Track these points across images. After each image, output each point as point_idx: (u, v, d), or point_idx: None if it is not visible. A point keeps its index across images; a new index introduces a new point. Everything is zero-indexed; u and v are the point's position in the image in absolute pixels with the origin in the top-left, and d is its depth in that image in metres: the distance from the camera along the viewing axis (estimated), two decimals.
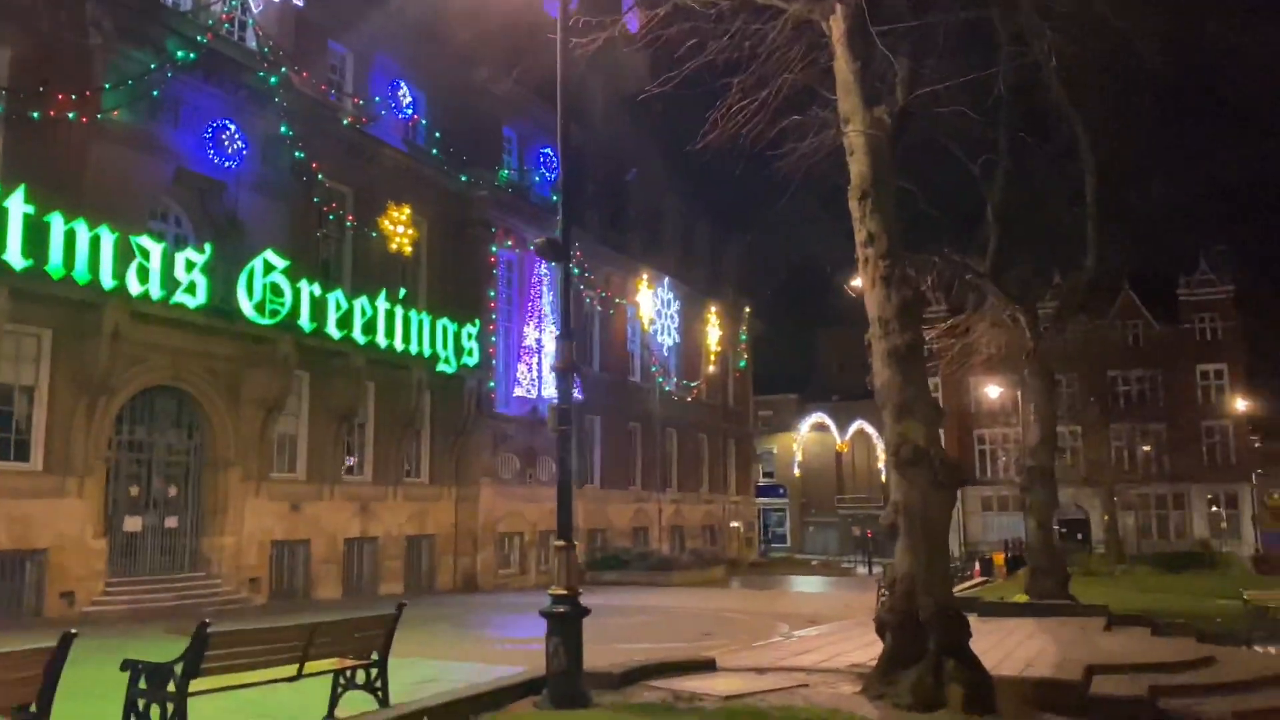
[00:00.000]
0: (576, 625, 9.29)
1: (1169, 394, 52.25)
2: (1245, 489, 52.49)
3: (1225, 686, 12.35)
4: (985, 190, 21.10)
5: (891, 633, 10.22)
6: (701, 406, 41.39)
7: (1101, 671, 11.91)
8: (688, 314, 39.94)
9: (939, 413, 11.13)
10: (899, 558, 10.54)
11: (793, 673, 11.35)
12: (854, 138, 10.93)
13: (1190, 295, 53.13)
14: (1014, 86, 17.11)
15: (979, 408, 53.18)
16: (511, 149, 31.82)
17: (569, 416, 9.99)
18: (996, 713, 9.44)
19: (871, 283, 11.00)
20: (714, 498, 43.02)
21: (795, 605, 23.41)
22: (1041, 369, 21.92)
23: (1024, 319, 21.86)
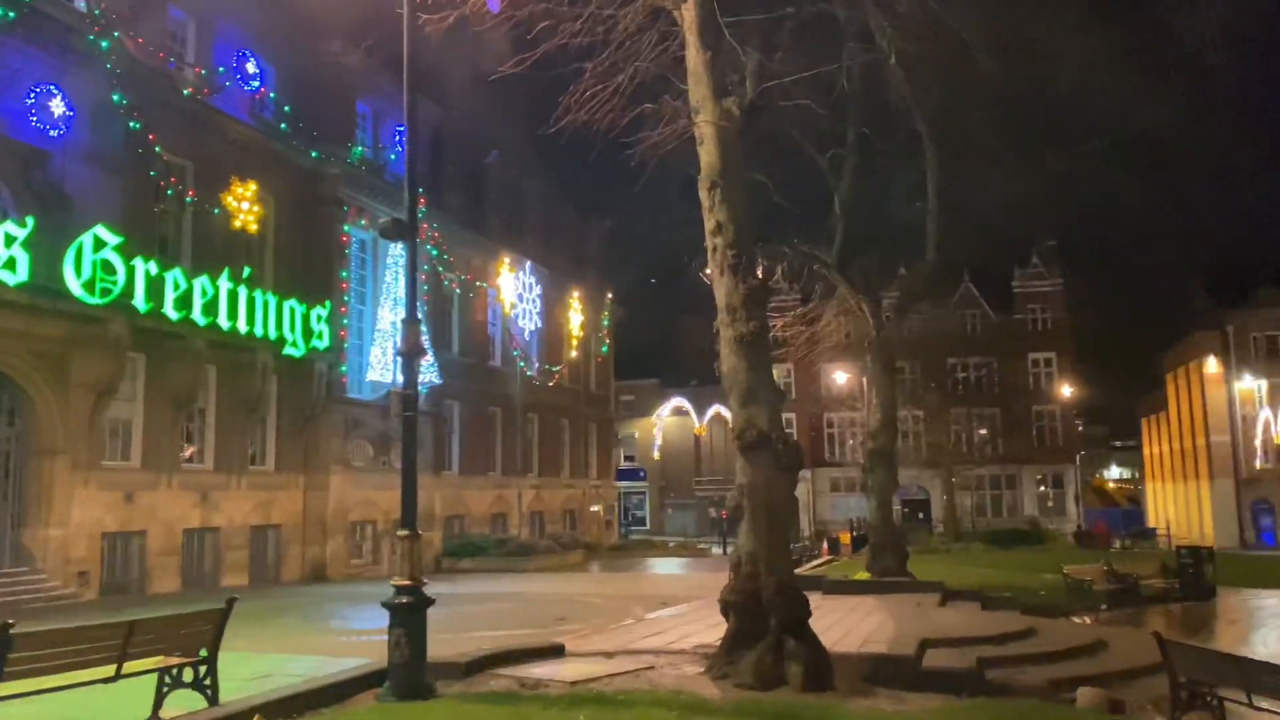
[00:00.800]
0: (420, 615, 9.14)
1: (1003, 380, 55.38)
2: (1070, 470, 56.28)
3: (1044, 656, 13.20)
4: (833, 183, 21.78)
5: (735, 613, 10.48)
6: (563, 391, 41.37)
7: (935, 645, 12.52)
8: (550, 298, 39.80)
9: (782, 398, 11.46)
10: (743, 539, 10.82)
11: (640, 655, 11.49)
12: (704, 128, 11.08)
13: (1023, 287, 56.39)
14: (859, 83, 17.70)
15: (828, 393, 55.05)
16: (366, 125, 30.87)
17: (414, 402, 9.80)
18: (834, 689, 9.80)
19: (720, 271, 11.20)
20: (575, 482, 43.11)
21: (650, 587, 23.71)
22: (884, 356, 22.83)
23: (868, 308, 22.69)
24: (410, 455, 9.78)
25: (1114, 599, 22.00)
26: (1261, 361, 53.74)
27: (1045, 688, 11.18)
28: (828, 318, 27.15)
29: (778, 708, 8.56)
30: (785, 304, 29.48)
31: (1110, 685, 11.56)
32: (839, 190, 21.81)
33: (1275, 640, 17.32)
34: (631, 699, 8.90)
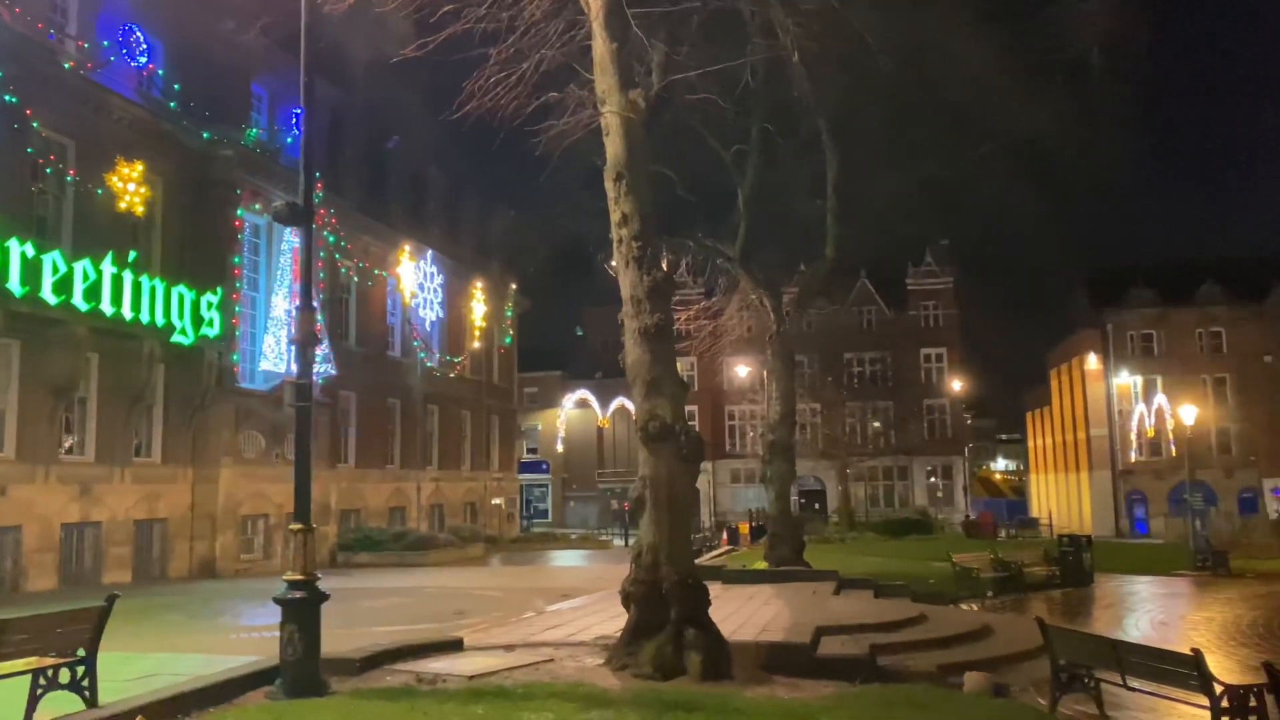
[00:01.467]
0: (314, 611, 8.91)
1: (896, 375, 57.02)
2: (959, 461, 58.27)
3: (934, 642, 13.65)
4: (737, 179, 22.01)
5: (636, 604, 10.52)
6: (465, 383, 40.85)
7: (830, 633, 12.82)
8: (452, 288, 39.21)
9: (686, 390, 11.53)
10: (645, 530, 10.86)
11: (540, 648, 11.45)
12: (610, 118, 11.06)
13: (917, 285, 58.10)
14: (763, 79, 17.92)
15: (730, 386, 55.80)
16: (262, 107, 29.83)
17: (309, 392, 9.53)
18: (732, 678, 9.93)
19: (625, 263, 11.20)
20: (476, 475, 42.64)
21: (552, 580, 23.65)
22: (784, 350, 23.22)
23: (770, 303, 23.04)
24: (304, 447, 9.51)
25: (1000, 586, 22.87)
26: (1137, 358, 56.56)
27: (934, 672, 11.56)
28: (730, 312, 27.50)
29: (676, 697, 8.61)
30: (689, 298, 29.68)
31: (996, 669, 12.03)
32: (742, 186, 22.06)
33: (1147, 623, 18.29)
34: (531, 692, 8.85)
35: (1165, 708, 9.63)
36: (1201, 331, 56.13)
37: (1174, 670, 9.07)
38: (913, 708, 8.58)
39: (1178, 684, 8.97)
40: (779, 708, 8.54)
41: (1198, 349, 56.04)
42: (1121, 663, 9.79)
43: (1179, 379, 53.43)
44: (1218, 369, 55.58)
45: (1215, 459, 53.85)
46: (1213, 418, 53.09)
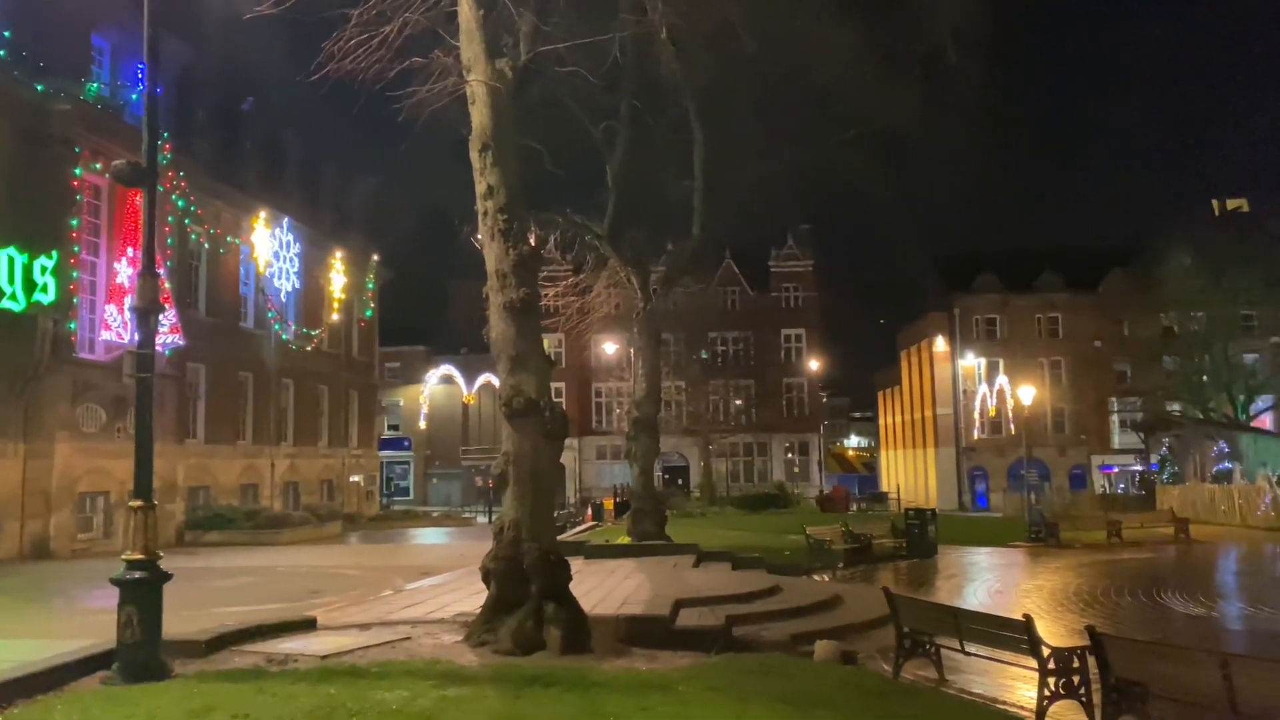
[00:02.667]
0: (155, 591, 8.49)
1: (758, 354, 58.46)
2: (815, 438, 60.28)
3: (787, 612, 14.08)
4: (606, 155, 21.98)
5: (496, 580, 10.46)
6: (323, 356, 39.58)
7: (688, 605, 13.06)
8: (310, 258, 37.84)
9: (551, 366, 11.48)
10: (507, 506, 10.80)
11: (397, 626, 11.25)
12: (476, 87, 10.85)
13: (779, 267, 59.57)
14: (632, 56, 17.93)
15: (598, 363, 56.01)
16: (103, 61, 27.97)
17: (151, 362, 9.04)
18: (592, 651, 10.00)
19: (490, 236, 11.04)
20: (334, 451, 41.47)
21: (411, 558, 23.27)
22: (650, 328, 23.42)
23: (637, 281, 23.17)
24: (145, 420, 9.02)
25: (850, 558, 23.78)
26: (982, 342, 59.61)
27: (787, 642, 11.93)
28: (598, 289, 27.49)
29: (535, 672, 8.62)
30: (557, 274, 29.55)
31: (845, 637, 12.51)
32: (611, 163, 22.05)
33: (985, 592, 19.35)
34: (387, 670, 8.68)
35: (999, 670, 10.21)
36: (1040, 317, 59.54)
37: (1007, 635, 9.64)
38: (765, 676, 8.83)
39: (1010, 648, 9.53)
40: (636, 679, 8.66)
41: (1037, 334, 59.44)
42: (960, 629, 10.34)
43: (1019, 362, 56.57)
44: (1054, 353, 59.13)
45: (1050, 437, 57.38)
46: (1048, 399, 56.52)
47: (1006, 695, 9.85)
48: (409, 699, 7.54)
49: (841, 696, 8.13)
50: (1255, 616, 16.12)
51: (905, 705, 8.10)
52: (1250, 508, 34.68)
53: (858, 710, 7.59)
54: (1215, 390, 51.02)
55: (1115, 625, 14.13)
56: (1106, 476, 57.55)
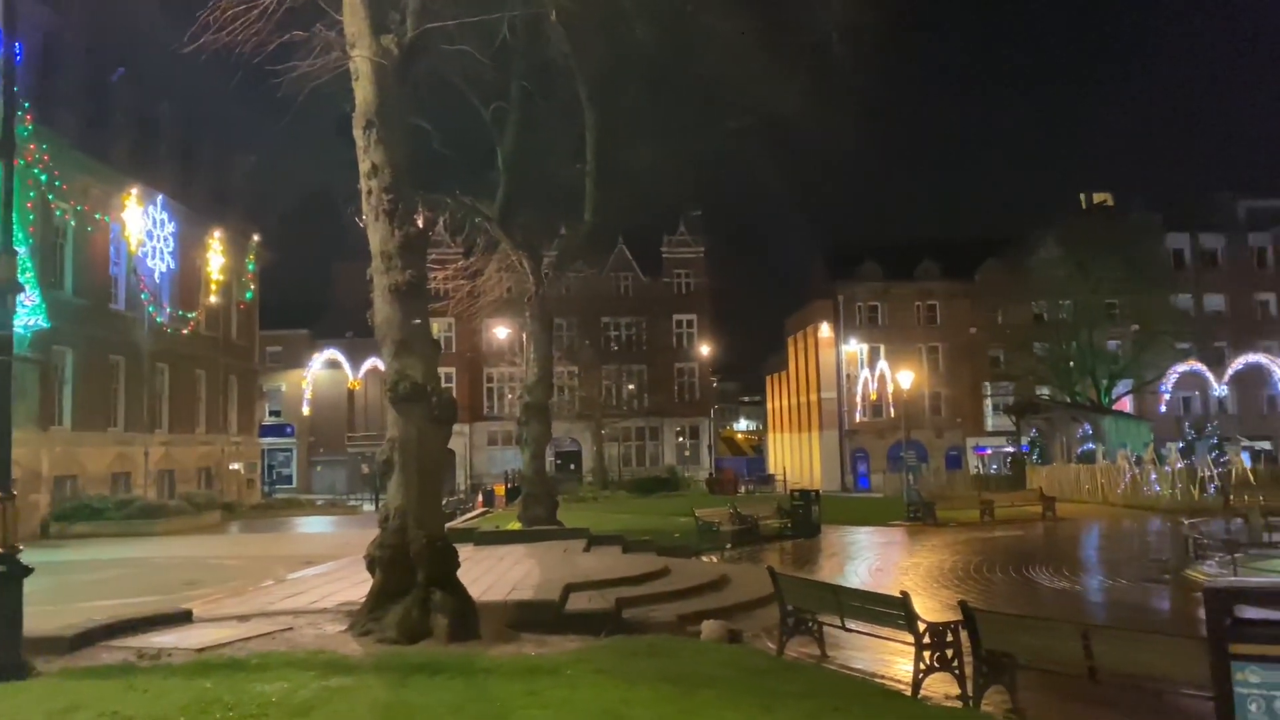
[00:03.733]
0: (14, 586, 8.04)
1: (650, 339, 58.84)
2: (705, 422, 61.12)
3: (676, 594, 14.27)
4: (497, 137, 21.72)
5: (381, 568, 10.27)
6: (200, 340, 38.07)
7: (578, 589, 13.10)
8: (186, 238, 36.27)
9: (438, 350, 11.31)
10: (393, 493, 10.61)
11: (278, 617, 10.95)
12: (360, 63, 10.56)
13: (671, 253, 60.03)
14: (523, 36, 17.74)
15: (489, 347, 55.40)
16: None
17: (9, 345, 8.53)
18: (480, 638, 9.93)
19: (375, 216, 10.79)
20: (212, 438, 39.99)
21: (294, 547, 22.66)
22: (542, 313, 23.30)
23: (529, 264, 23.00)
24: (3, 406, 8.51)
25: (738, 538, 24.24)
26: (864, 328, 61.35)
27: (675, 623, 12.10)
28: (489, 272, 27.18)
29: (421, 660, 8.51)
30: (447, 256, 29.07)
31: (731, 617, 12.75)
32: (502, 144, 21.79)
33: (865, 570, 19.99)
34: (266, 662, 8.45)
35: (878, 645, 10.56)
36: (919, 305, 61.62)
37: (885, 611, 9.97)
38: (653, 657, 8.93)
39: (889, 624, 9.87)
40: (524, 664, 8.64)
41: (916, 321, 61.49)
42: (841, 607, 10.66)
43: (899, 347, 58.42)
44: (932, 339, 61.29)
45: (928, 420, 59.50)
46: (926, 383, 58.63)
47: (885, 669, 10.20)
48: (289, 691, 7.36)
49: (726, 675, 8.28)
50: (1114, 588, 17.10)
51: (788, 682, 8.30)
52: (1111, 486, 36.71)
53: (742, 688, 7.74)
54: (1080, 375, 53.87)
55: (987, 600, 14.80)
56: (980, 458, 60.04)
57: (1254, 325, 59.82)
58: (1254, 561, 16.68)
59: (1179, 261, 60.08)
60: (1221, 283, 61.06)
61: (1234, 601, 6.21)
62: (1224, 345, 57.66)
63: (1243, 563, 16.37)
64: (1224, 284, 61.09)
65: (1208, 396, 58.00)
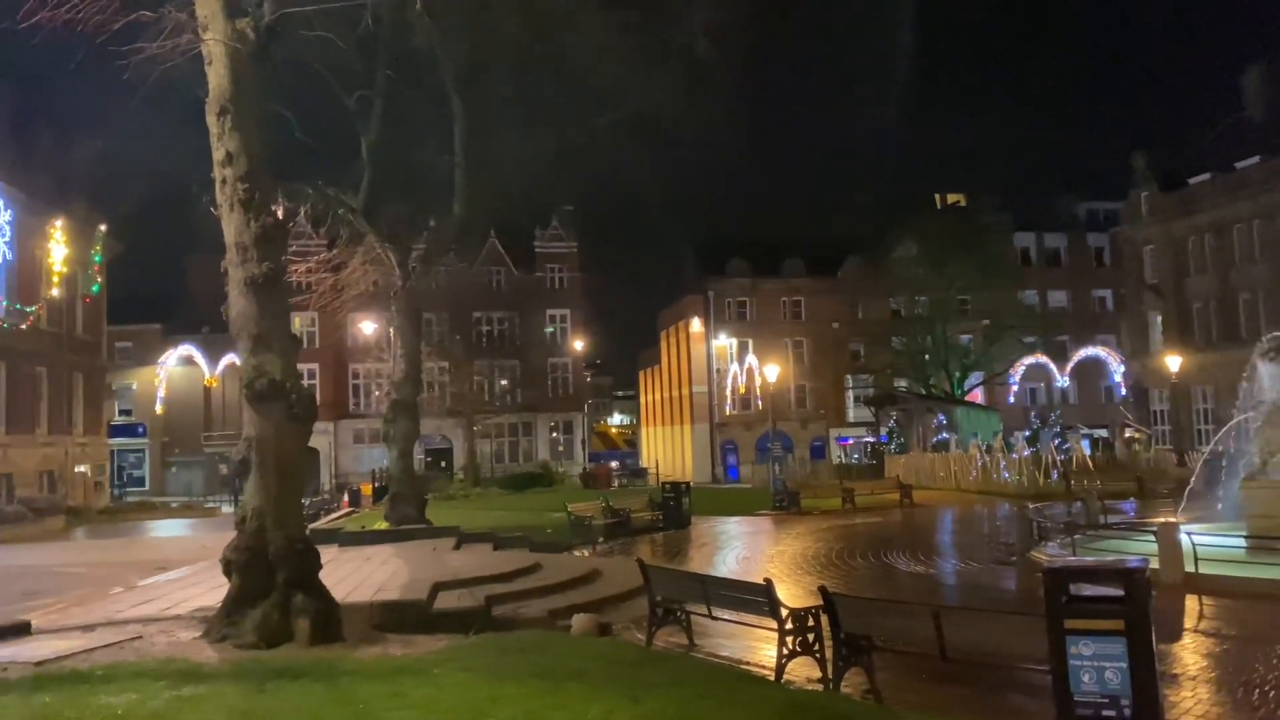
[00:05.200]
0: None
1: (523, 334, 58.46)
2: (579, 417, 61.20)
3: (547, 589, 14.24)
4: (361, 126, 21.15)
5: (239, 571, 9.91)
6: (41, 335, 35.81)
7: (448, 588, 12.94)
8: (25, 228, 34.05)
9: (298, 345, 10.97)
10: (250, 494, 10.25)
11: (127, 626, 10.43)
12: (213, 47, 10.14)
13: (543, 247, 59.81)
14: (388, 24, 17.33)
15: (355, 343, 53.94)
16: None
17: None
18: (344, 640, 9.70)
19: (230, 205, 10.40)
20: (55, 439, 37.68)
21: (147, 552, 21.60)
22: (409, 307, 22.83)
23: (396, 258, 22.49)
24: None
25: (610, 532, 24.35)
26: (734, 323, 62.58)
27: (546, 618, 12.09)
28: (354, 265, 26.42)
29: (281, 665, 8.25)
30: (309, 248, 28.14)
31: (602, 610, 12.83)
32: (366, 134, 21.21)
33: (733, 559, 20.39)
34: (113, 673, 8.03)
35: (745, 633, 10.81)
36: (786, 300, 63.27)
37: (750, 599, 10.21)
38: (522, 653, 8.91)
39: (754, 611, 10.11)
40: (390, 665, 8.49)
41: (782, 316, 63.12)
42: (708, 596, 10.86)
43: (767, 342, 59.83)
44: (797, 334, 63.03)
45: (793, 412, 61.17)
46: (792, 376, 60.24)
47: (751, 656, 10.45)
48: (138, 702, 7.02)
49: (596, 668, 8.33)
50: (965, 571, 17.95)
51: (655, 672, 8.41)
52: (964, 473, 38.51)
53: (610, 680, 7.80)
54: (935, 368, 56.46)
55: (848, 585, 15.33)
56: (843, 448, 62.08)
57: (1093, 320, 63.84)
58: (1091, 543, 17.75)
59: (1026, 260, 63.57)
60: (1064, 280, 64.96)
61: (1070, 580, 6.64)
62: (1066, 339, 61.27)
63: (1081, 544, 17.41)
64: (1066, 281, 65.02)
65: (1051, 388, 61.50)
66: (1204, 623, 12.27)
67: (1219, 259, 48.47)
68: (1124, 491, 30.46)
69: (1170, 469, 35.69)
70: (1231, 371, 21.53)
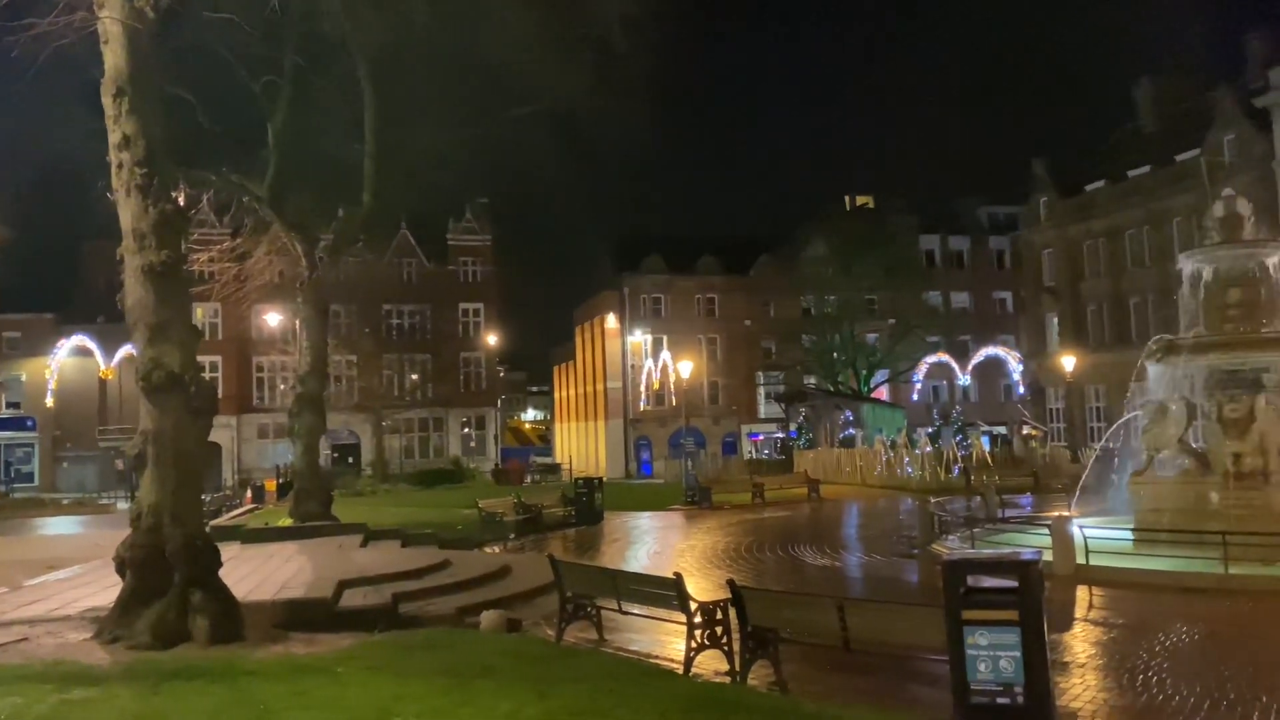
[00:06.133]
0: None
1: (435, 327, 57.62)
2: (492, 412, 60.69)
3: (456, 586, 14.12)
4: (268, 113, 20.58)
5: (133, 570, 9.58)
6: None
7: (353, 585, 12.72)
8: None
9: (198, 336, 10.63)
10: (146, 489, 9.92)
11: (12, 627, 9.98)
12: (109, 25, 9.75)
13: (457, 240, 59.08)
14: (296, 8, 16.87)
15: (260, 335, 52.47)
16: None
17: None
18: (244, 639, 9.44)
19: (127, 191, 10.02)
20: None
21: (35, 551, 20.69)
22: (316, 299, 22.32)
23: (302, 248, 21.97)
24: None
25: (521, 528, 24.24)
26: (649, 319, 62.82)
27: (455, 615, 11.99)
28: (259, 255, 25.71)
29: (176, 665, 8.00)
30: (212, 236, 27.29)
31: (512, 606, 12.77)
32: (273, 120, 20.65)
33: (645, 554, 20.51)
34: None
35: (655, 627, 10.88)
36: (700, 297, 63.81)
37: (660, 594, 10.28)
38: (429, 650, 8.81)
39: (664, 605, 10.18)
40: (292, 665, 8.30)
41: (696, 313, 63.64)
42: (619, 590, 10.90)
43: (681, 338, 60.24)
44: (711, 330, 63.62)
45: (706, 408, 61.71)
46: (705, 373, 60.78)
47: (660, 650, 10.52)
48: (23, 707, 6.73)
49: (504, 664, 8.28)
50: (870, 563, 18.39)
51: (564, 667, 8.40)
52: (869, 469, 39.42)
53: (518, 676, 7.77)
54: (843, 365, 57.72)
55: (757, 578, 15.55)
56: (754, 443, 62.90)
57: (994, 321, 65.97)
58: (990, 536, 18.33)
59: (930, 261, 65.31)
60: (966, 282, 66.98)
61: (967, 573, 6.85)
62: (968, 339, 63.19)
63: (980, 538, 17.98)
64: (968, 283, 67.04)
65: (954, 385, 63.33)
66: (1093, 612, 12.80)
67: (1112, 263, 50.54)
68: (1021, 486, 31.61)
69: (1064, 465, 37.11)
70: (1122, 371, 22.47)
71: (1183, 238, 40.58)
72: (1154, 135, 49.65)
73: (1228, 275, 18.08)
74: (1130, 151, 50.19)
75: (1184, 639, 10.98)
